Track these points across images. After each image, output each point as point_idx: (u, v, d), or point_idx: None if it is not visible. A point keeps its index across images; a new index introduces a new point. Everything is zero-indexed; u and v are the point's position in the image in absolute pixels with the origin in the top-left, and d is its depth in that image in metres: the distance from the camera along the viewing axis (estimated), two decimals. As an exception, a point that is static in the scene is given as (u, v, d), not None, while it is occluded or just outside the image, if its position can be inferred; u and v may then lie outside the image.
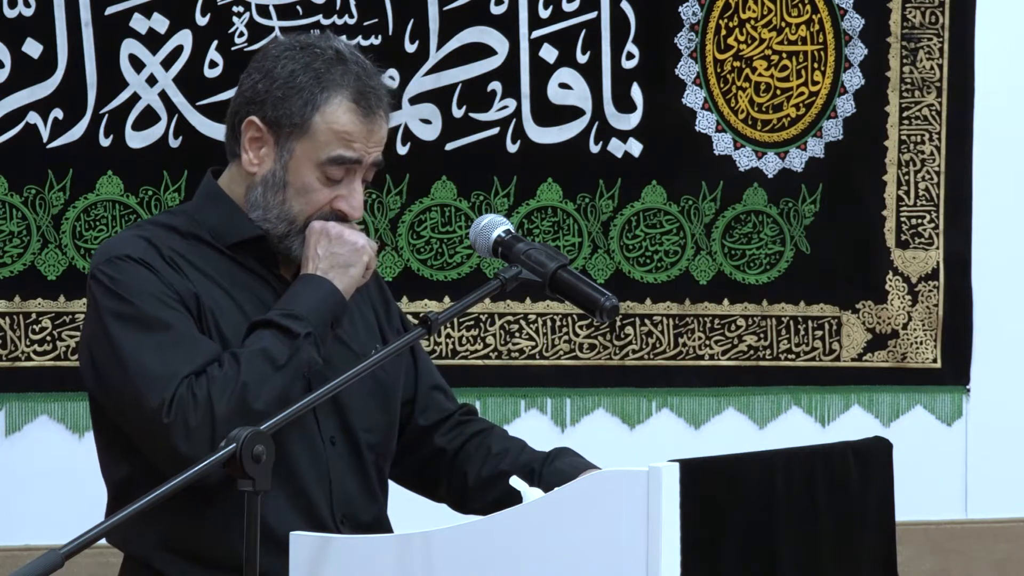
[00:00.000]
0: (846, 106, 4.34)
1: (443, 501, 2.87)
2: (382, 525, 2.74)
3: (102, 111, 3.84)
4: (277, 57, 2.68)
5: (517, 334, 4.15)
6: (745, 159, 4.28)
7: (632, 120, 4.18)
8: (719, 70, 4.24)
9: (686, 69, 4.22)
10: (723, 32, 4.24)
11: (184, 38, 3.88)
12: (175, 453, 2.48)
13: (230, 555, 2.42)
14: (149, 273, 2.59)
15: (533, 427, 4.07)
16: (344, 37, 3.30)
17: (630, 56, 4.18)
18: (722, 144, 4.25)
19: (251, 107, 2.67)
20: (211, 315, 2.62)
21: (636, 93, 4.18)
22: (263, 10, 3.93)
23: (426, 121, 4.03)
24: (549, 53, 4.13)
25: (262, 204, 2.67)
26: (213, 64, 3.90)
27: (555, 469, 2.70)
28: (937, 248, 4.40)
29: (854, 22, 4.33)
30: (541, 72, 4.12)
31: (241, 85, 2.72)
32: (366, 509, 2.72)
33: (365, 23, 3.96)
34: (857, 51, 4.33)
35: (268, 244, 2.70)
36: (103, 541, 1.97)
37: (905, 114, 4.37)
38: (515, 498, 2.37)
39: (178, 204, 2.83)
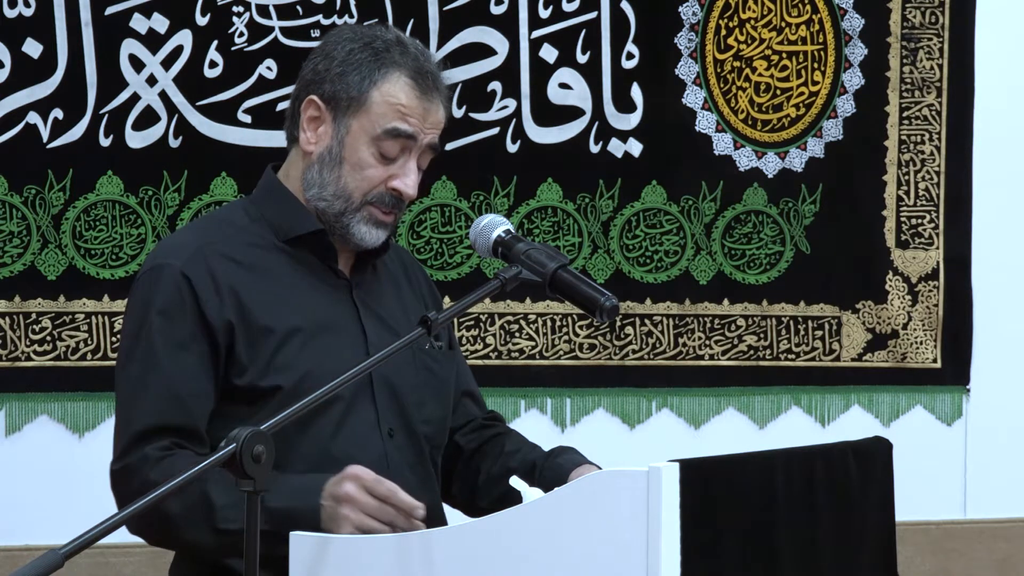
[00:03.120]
0: (846, 106, 4.33)
1: (453, 501, 2.88)
2: (438, 515, 2.76)
3: (102, 111, 3.84)
4: (337, 40, 2.73)
5: (517, 334, 4.14)
6: (745, 159, 4.27)
7: (632, 120, 4.18)
8: (719, 70, 4.24)
9: (686, 69, 4.22)
10: (723, 32, 4.24)
11: (184, 38, 3.88)
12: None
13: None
14: (179, 297, 2.60)
15: (533, 427, 4.06)
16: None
17: (630, 56, 4.17)
18: (722, 144, 4.25)
19: (311, 87, 2.71)
20: (252, 323, 2.61)
21: (636, 93, 4.18)
22: (263, 10, 3.93)
23: (426, 121, 4.03)
24: (549, 53, 4.12)
25: (318, 182, 2.69)
26: (213, 64, 3.90)
27: (554, 465, 2.73)
28: (937, 248, 4.40)
29: (854, 22, 4.32)
30: (541, 72, 4.12)
31: (302, 71, 2.75)
32: (423, 500, 2.71)
33: (365, 23, 3.95)
34: (857, 51, 4.33)
35: (326, 239, 2.71)
36: (103, 541, 1.97)
37: (905, 114, 4.37)
38: (517, 497, 2.38)
39: (240, 197, 2.83)
